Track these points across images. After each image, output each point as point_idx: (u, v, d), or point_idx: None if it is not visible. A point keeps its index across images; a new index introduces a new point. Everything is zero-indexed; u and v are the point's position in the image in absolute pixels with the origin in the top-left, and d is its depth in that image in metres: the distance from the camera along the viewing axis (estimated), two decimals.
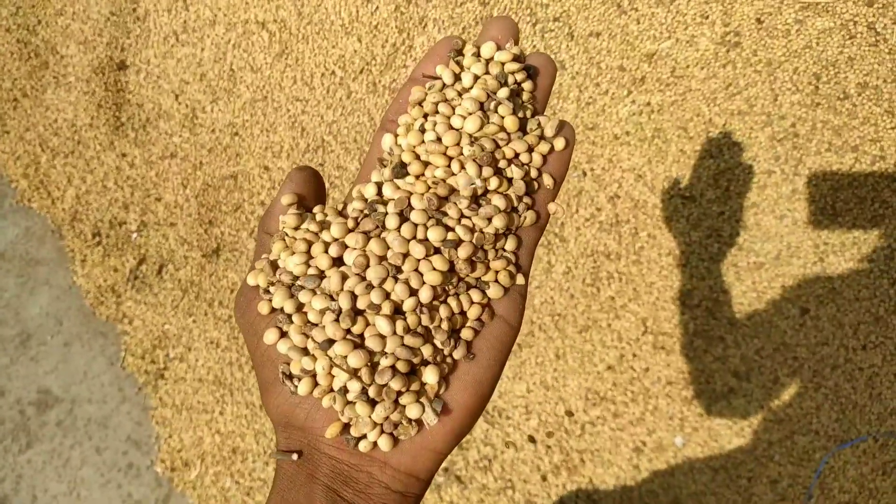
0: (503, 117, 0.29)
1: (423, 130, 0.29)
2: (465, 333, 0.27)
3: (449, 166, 0.28)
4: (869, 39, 0.90)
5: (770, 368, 0.93)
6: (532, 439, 0.95)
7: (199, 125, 1.09)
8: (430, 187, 0.28)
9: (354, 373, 0.25)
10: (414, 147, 0.29)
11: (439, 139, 0.29)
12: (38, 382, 1.06)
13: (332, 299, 0.26)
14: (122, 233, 1.09)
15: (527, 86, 0.30)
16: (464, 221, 0.28)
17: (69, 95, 1.13)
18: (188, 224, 1.07)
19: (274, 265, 0.28)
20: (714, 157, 0.94)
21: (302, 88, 1.05)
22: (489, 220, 0.28)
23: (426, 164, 0.29)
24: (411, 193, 0.28)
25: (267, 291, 0.28)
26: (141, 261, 1.07)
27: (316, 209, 0.29)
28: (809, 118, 0.92)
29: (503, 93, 0.29)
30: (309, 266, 0.27)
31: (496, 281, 0.28)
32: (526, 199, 0.29)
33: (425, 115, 0.30)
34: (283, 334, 0.27)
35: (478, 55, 0.31)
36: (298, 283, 0.27)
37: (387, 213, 0.27)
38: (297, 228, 0.28)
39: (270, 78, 1.06)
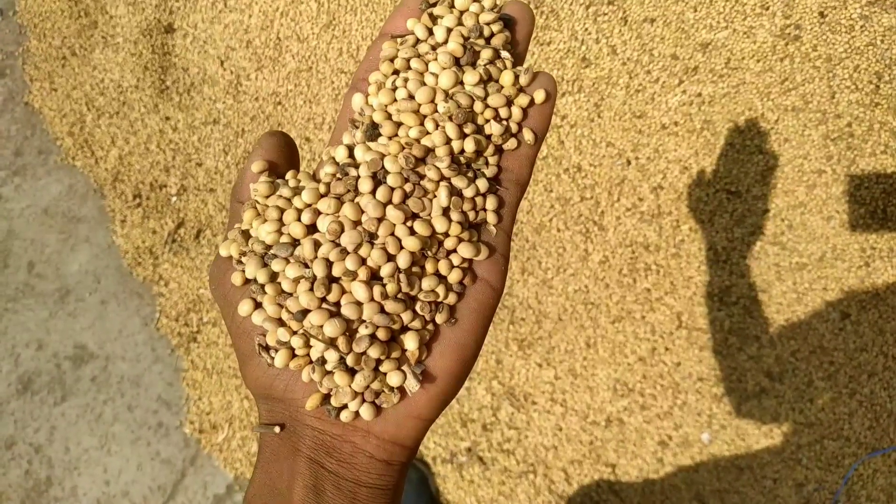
0: (482, 75, 0.27)
1: (395, 88, 0.28)
2: (448, 297, 0.26)
3: (423, 125, 0.27)
4: None
5: (805, 371, 0.92)
6: (558, 426, 0.95)
7: (242, 92, 1.09)
8: (404, 148, 0.27)
9: (331, 342, 0.24)
10: (386, 106, 0.27)
11: (412, 97, 0.27)
12: (75, 338, 1.09)
13: (307, 267, 0.25)
14: (163, 196, 1.10)
15: (503, 36, 0.29)
16: (444, 183, 0.26)
17: (117, 56, 1.14)
18: (227, 190, 1.08)
19: (246, 234, 0.27)
20: (763, 152, 0.92)
21: (347, 61, 1.05)
22: (470, 180, 0.26)
23: (399, 124, 0.27)
24: (384, 155, 0.26)
25: (240, 262, 0.27)
26: (179, 224, 1.09)
27: (288, 175, 0.28)
28: (867, 118, 0.89)
29: (485, 53, 0.28)
30: (281, 234, 0.26)
31: (479, 241, 0.27)
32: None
33: (396, 72, 0.28)
34: (258, 305, 0.26)
35: (451, 6, 0.29)
36: (271, 252, 0.26)
37: (359, 177, 0.26)
38: (269, 196, 0.27)
39: (316, 48, 1.06)
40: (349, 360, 0.24)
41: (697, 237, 0.94)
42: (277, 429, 0.25)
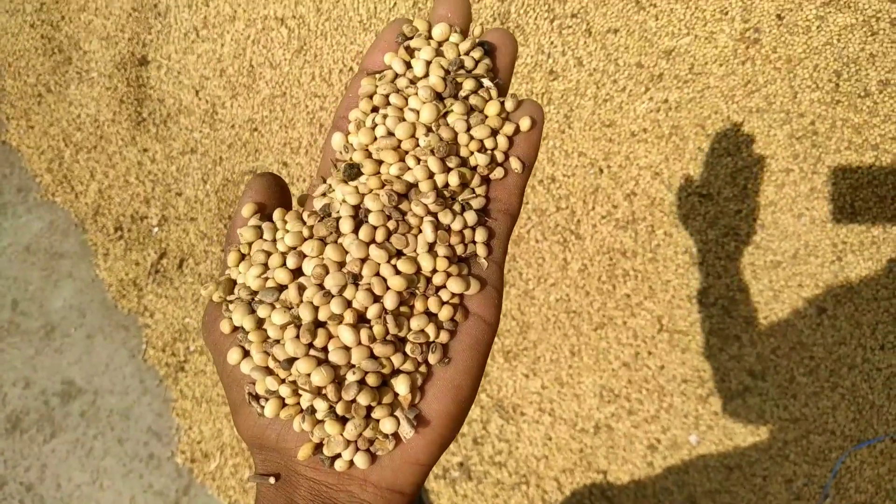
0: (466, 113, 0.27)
1: (374, 126, 0.27)
2: (439, 336, 0.25)
3: (404, 161, 0.26)
4: (892, 36, 0.89)
5: (786, 368, 0.93)
6: (547, 436, 0.96)
7: (218, 121, 1.10)
8: (384, 185, 0.26)
9: (319, 391, 0.24)
10: (366, 146, 0.27)
11: (391, 133, 0.27)
12: (63, 373, 1.09)
13: (290, 309, 0.25)
14: (144, 227, 1.11)
15: (484, 65, 0.28)
16: (428, 218, 0.25)
17: (92, 91, 1.15)
18: (208, 219, 1.08)
19: (232, 281, 0.27)
20: (732, 154, 0.94)
21: (320, 84, 1.06)
22: (456, 215, 0.26)
23: (380, 161, 0.26)
24: (364, 194, 0.26)
25: (228, 309, 0.26)
26: (162, 255, 1.09)
27: (276, 215, 0.27)
28: (829, 116, 0.91)
29: (468, 84, 0.27)
30: (267, 279, 0.26)
31: (469, 274, 0.26)
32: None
33: (376, 109, 0.27)
34: (247, 353, 0.25)
35: (428, 38, 0.28)
36: (257, 297, 0.25)
37: (340, 217, 0.25)
38: (254, 241, 0.27)
39: (289, 74, 1.07)
40: (339, 409, 0.24)
41: (673, 241, 0.95)
42: (272, 479, 0.25)
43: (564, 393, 0.96)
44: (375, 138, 0.27)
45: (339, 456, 0.24)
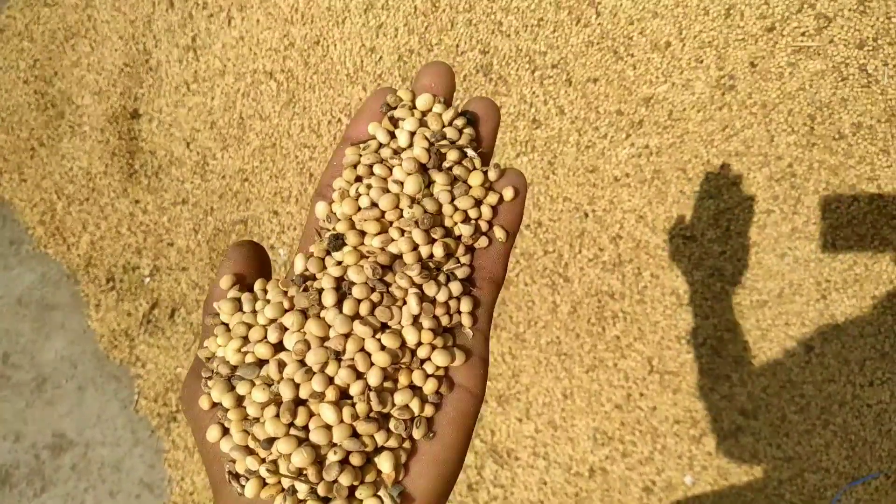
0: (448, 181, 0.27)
1: (358, 196, 0.27)
2: (424, 410, 0.25)
3: (388, 233, 0.26)
4: (861, 81, 0.92)
5: (777, 406, 0.93)
6: (542, 480, 0.95)
7: (209, 172, 1.12)
8: (364, 256, 0.26)
9: (299, 473, 0.23)
10: (349, 216, 0.27)
11: (375, 204, 0.27)
12: (53, 426, 1.08)
13: (273, 389, 0.24)
14: (136, 277, 1.12)
15: (468, 135, 0.28)
16: (413, 290, 0.25)
17: (84, 144, 1.17)
18: (200, 268, 1.09)
19: (211, 356, 0.26)
20: (713, 197, 0.96)
21: (309, 135, 1.08)
22: (441, 286, 0.26)
23: (364, 233, 0.26)
24: (348, 266, 0.25)
25: (207, 384, 0.26)
26: (154, 305, 1.10)
27: (256, 286, 0.27)
28: (806, 158, 0.93)
29: (451, 155, 0.27)
30: (246, 353, 0.25)
31: (454, 345, 0.26)
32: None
33: (360, 179, 0.28)
34: (226, 431, 0.25)
35: (412, 108, 0.29)
36: (237, 373, 0.25)
37: (322, 290, 0.25)
38: (234, 314, 0.26)
39: (279, 126, 1.09)
40: (320, 490, 0.23)
41: (659, 283, 0.96)
42: None
43: (558, 436, 0.96)
44: (359, 209, 0.27)
45: None
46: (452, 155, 0.27)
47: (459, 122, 0.28)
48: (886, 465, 0.91)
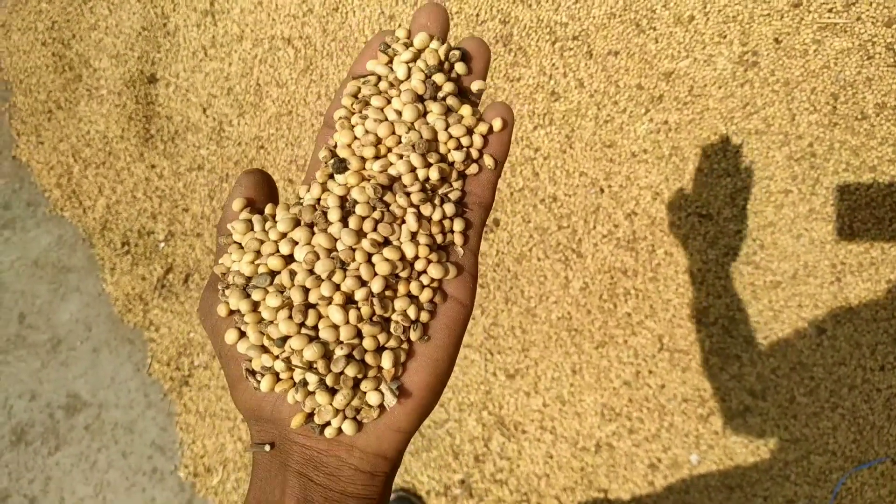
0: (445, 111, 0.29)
1: (361, 123, 0.29)
2: (420, 316, 0.27)
3: (386, 157, 0.28)
4: (888, 60, 0.90)
5: (786, 387, 0.93)
6: (548, 454, 0.96)
7: (225, 138, 1.12)
8: (365, 178, 0.28)
9: (310, 365, 0.26)
10: (349, 143, 0.29)
11: (374, 132, 0.29)
12: (68, 387, 1.10)
13: (285, 295, 0.27)
14: (150, 242, 1.12)
15: (459, 68, 0.30)
16: (411, 209, 0.28)
17: (101, 108, 1.17)
18: (214, 235, 1.10)
19: (227, 269, 0.29)
20: (731, 175, 0.95)
21: (326, 104, 1.08)
22: (435, 207, 0.28)
23: (364, 158, 0.29)
24: (351, 187, 0.28)
25: (224, 294, 0.28)
26: (168, 270, 1.11)
27: (267, 209, 0.30)
28: (827, 138, 0.92)
29: (447, 86, 0.29)
30: (259, 266, 0.27)
31: (447, 261, 0.28)
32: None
33: (360, 109, 0.30)
34: (243, 334, 0.27)
35: (409, 45, 0.31)
36: (251, 283, 0.27)
37: (328, 208, 0.27)
38: (246, 233, 0.29)
39: (295, 93, 1.09)
40: (328, 381, 0.26)
41: (673, 260, 0.96)
42: (268, 447, 0.27)
43: (566, 411, 0.96)
44: (356, 137, 0.29)
45: (328, 424, 0.26)
46: (447, 87, 0.30)
47: (453, 56, 0.30)
48: (894, 449, 0.91)
